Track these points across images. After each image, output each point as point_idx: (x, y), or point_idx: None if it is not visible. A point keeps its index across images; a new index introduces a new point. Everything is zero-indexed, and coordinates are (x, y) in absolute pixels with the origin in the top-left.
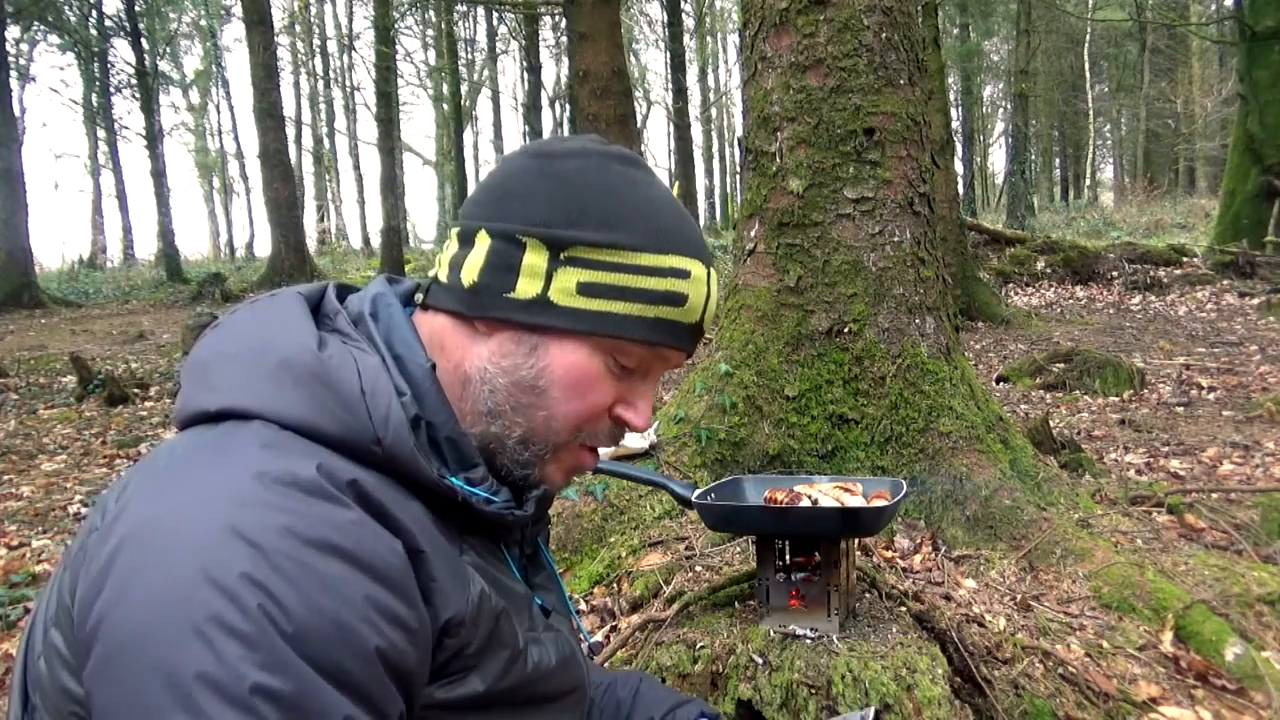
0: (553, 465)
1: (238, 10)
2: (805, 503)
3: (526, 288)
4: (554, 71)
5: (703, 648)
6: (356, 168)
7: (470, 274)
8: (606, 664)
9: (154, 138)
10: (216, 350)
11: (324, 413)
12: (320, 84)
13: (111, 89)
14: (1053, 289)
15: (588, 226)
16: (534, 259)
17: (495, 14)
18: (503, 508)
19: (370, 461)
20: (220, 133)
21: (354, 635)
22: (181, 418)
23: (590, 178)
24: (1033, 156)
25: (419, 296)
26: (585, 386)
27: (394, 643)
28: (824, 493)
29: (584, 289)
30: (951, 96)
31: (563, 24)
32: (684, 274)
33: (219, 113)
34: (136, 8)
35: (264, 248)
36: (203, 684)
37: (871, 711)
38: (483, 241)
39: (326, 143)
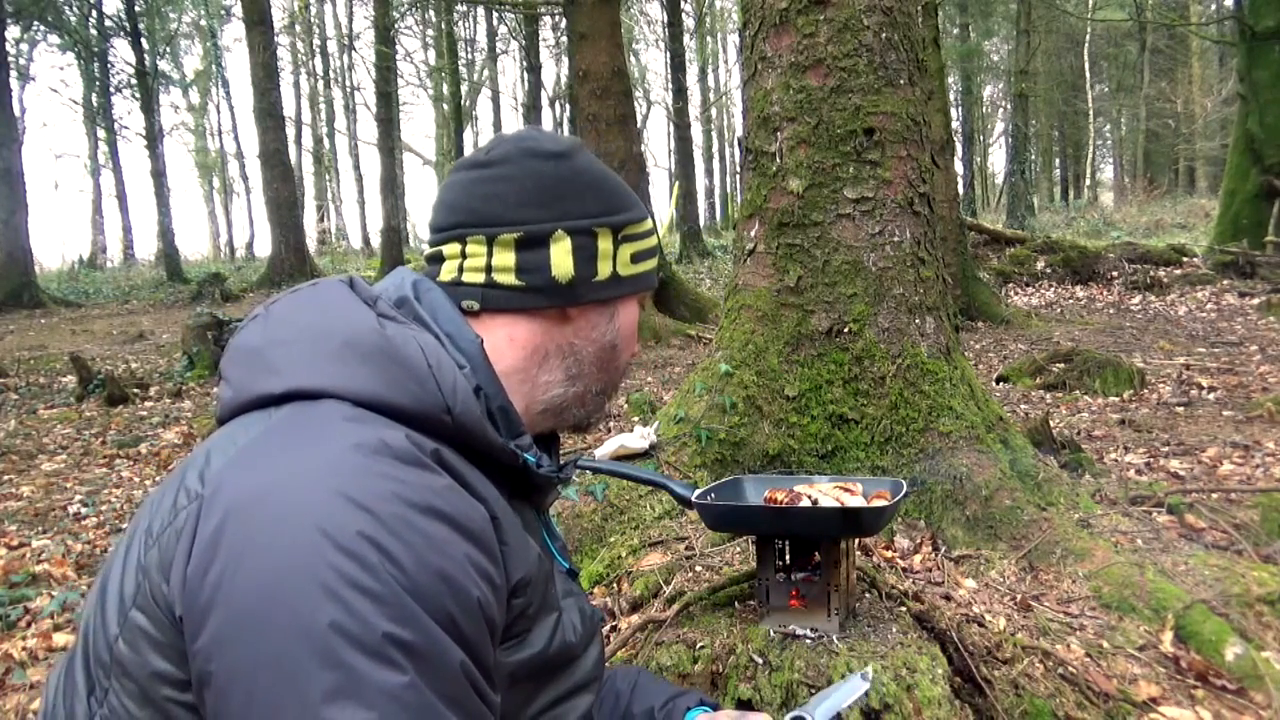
0: (609, 404)
1: (238, 10)
2: (805, 503)
3: (604, 269)
4: (554, 71)
5: (703, 648)
6: (356, 168)
7: (563, 270)
8: (606, 664)
9: (154, 138)
10: (269, 337)
11: (395, 387)
12: (320, 84)
13: (111, 89)
14: (1053, 289)
15: (624, 209)
16: (605, 244)
17: (495, 14)
18: (550, 470)
19: (440, 432)
20: (220, 133)
21: (461, 589)
22: (236, 404)
23: (594, 167)
24: (1033, 156)
25: (467, 304)
26: (635, 332)
27: (488, 597)
28: (824, 493)
29: (634, 258)
30: (951, 96)
31: (563, 24)
32: (655, 227)
33: (219, 113)
34: (136, 8)
35: (264, 248)
36: (340, 637)
37: (870, 670)
38: (561, 240)
39: (326, 143)
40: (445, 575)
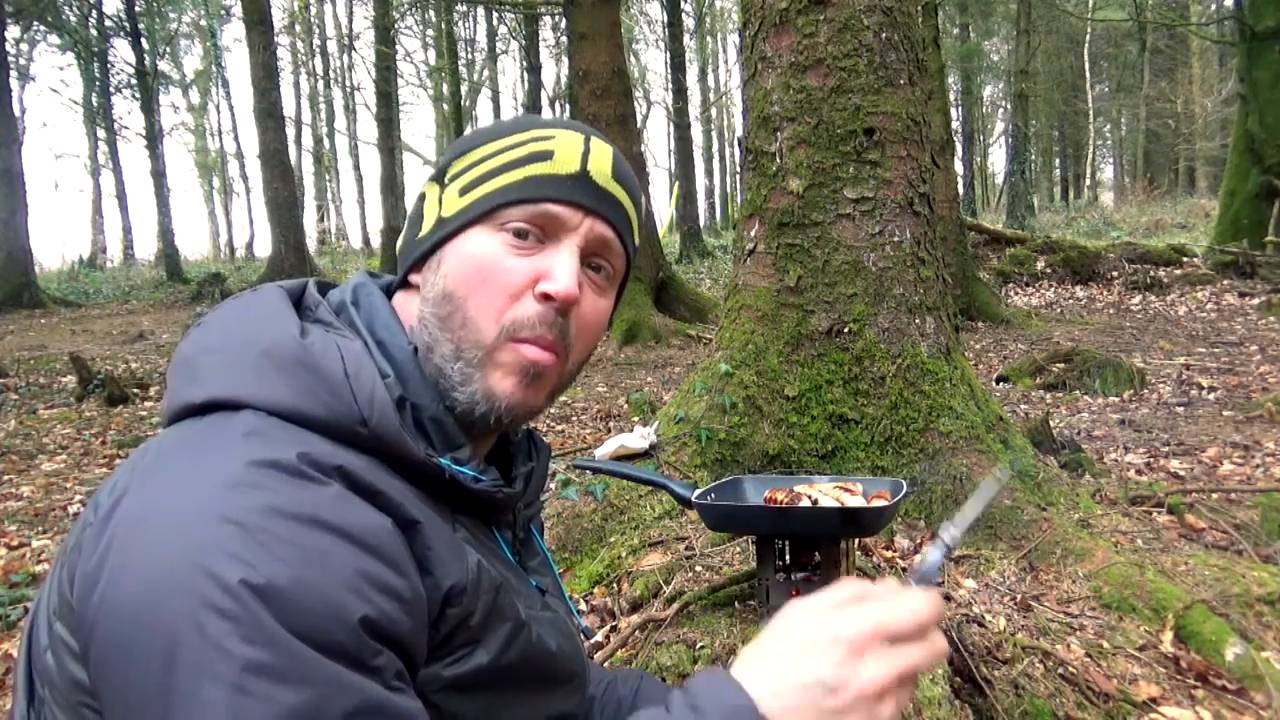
0: (495, 373)
1: (238, 10)
2: (805, 503)
3: (427, 224)
4: (554, 71)
5: (703, 648)
6: (356, 168)
7: (399, 243)
8: (606, 663)
9: (154, 138)
10: (200, 345)
11: (309, 397)
12: (320, 84)
13: (111, 89)
14: (1053, 289)
15: (455, 153)
16: (431, 196)
17: (495, 14)
18: (491, 485)
19: (357, 444)
20: (220, 133)
21: (340, 606)
22: (169, 413)
23: (476, 129)
24: (1033, 156)
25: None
26: (486, 270)
27: (385, 611)
28: (824, 493)
29: (464, 190)
30: (951, 96)
31: (563, 24)
32: (546, 138)
33: (219, 113)
34: (136, 8)
35: (264, 248)
36: (197, 671)
37: (1004, 470)
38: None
39: (326, 143)
40: (321, 592)
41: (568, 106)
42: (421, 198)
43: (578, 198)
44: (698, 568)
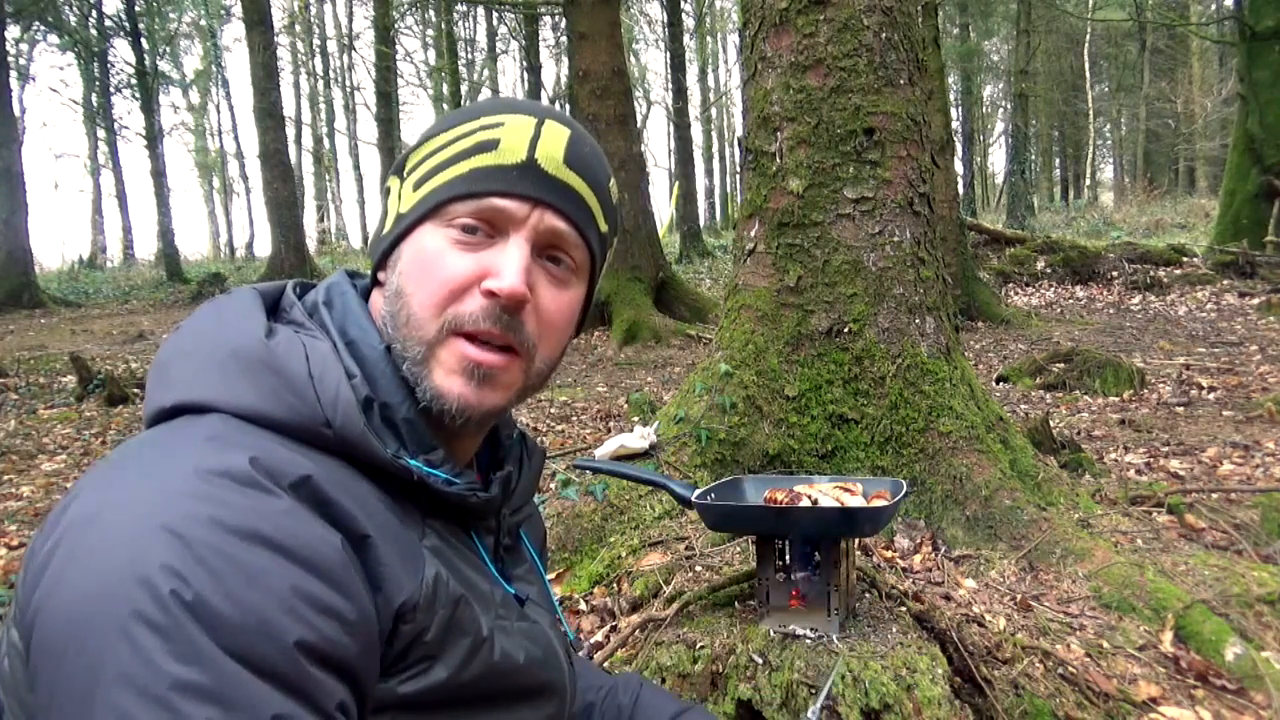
0: (439, 371)
1: (238, 10)
2: (805, 503)
3: (391, 217)
4: (554, 71)
5: (703, 648)
6: (356, 168)
7: (370, 239)
8: (607, 663)
9: (154, 138)
10: (175, 349)
11: (272, 398)
12: (320, 84)
13: (111, 89)
14: (1053, 289)
15: (416, 142)
16: (394, 191)
17: (495, 14)
18: (465, 489)
19: (322, 445)
20: (220, 133)
21: (276, 627)
22: (146, 419)
23: (438, 118)
24: (1033, 156)
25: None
26: (430, 266)
27: (324, 634)
28: (824, 493)
29: (416, 184)
30: (951, 96)
31: (563, 24)
32: (494, 125)
33: (219, 113)
34: (136, 8)
35: (264, 248)
36: (123, 683)
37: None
38: None
39: (326, 143)
40: (258, 611)
41: (568, 106)
42: (387, 191)
43: (523, 189)
44: (698, 568)
